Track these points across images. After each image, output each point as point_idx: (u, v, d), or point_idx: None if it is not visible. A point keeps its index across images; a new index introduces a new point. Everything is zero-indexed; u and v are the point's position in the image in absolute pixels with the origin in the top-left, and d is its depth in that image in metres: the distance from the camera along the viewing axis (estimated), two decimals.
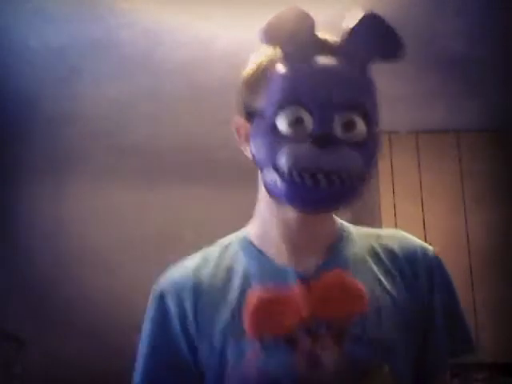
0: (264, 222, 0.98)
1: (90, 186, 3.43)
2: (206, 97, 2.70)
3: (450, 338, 0.98)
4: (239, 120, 0.95)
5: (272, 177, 0.88)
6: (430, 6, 2.22)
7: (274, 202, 0.93)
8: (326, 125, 0.86)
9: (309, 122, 0.86)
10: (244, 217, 1.07)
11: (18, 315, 3.57)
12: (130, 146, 3.13)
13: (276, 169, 0.87)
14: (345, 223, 1.03)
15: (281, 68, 0.89)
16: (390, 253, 0.99)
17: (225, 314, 0.92)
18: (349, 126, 0.87)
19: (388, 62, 0.93)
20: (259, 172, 0.93)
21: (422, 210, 2.89)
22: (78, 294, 3.64)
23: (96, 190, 3.45)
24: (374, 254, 0.98)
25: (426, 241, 3.32)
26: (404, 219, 2.88)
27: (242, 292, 0.92)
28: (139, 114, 2.89)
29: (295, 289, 0.90)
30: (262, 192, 0.96)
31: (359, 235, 1.01)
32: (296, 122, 0.86)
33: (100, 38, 2.34)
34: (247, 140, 0.93)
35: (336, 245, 0.97)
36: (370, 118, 0.91)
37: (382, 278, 0.95)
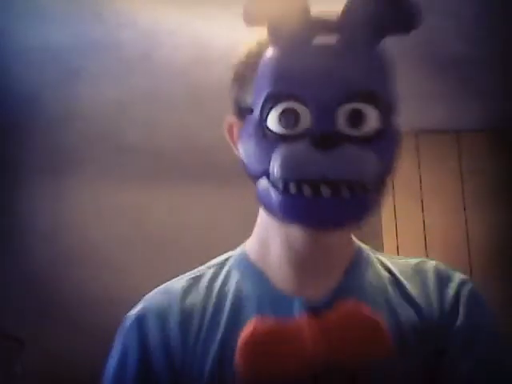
0: (265, 239, 0.81)
1: (90, 186, 3.43)
2: (206, 97, 2.70)
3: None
4: (231, 118, 0.80)
5: (265, 187, 0.72)
6: (429, 6, 2.22)
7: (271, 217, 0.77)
8: (327, 120, 0.68)
9: (306, 118, 0.69)
10: (245, 217, 1.06)
11: (18, 315, 3.57)
12: (130, 146, 3.13)
13: (269, 178, 0.71)
14: (363, 245, 0.88)
15: (270, 55, 0.72)
16: (416, 282, 0.82)
17: (215, 344, 0.75)
18: (356, 118, 0.69)
19: (400, 34, 0.73)
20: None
21: (422, 210, 2.89)
22: (78, 293, 3.64)
23: (96, 190, 3.45)
24: (395, 283, 0.81)
25: (425, 241, 3.32)
26: (404, 219, 2.88)
27: (236, 313, 0.76)
28: (139, 114, 2.89)
29: (301, 322, 0.72)
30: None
31: (376, 259, 0.85)
32: (290, 120, 0.69)
33: (100, 38, 2.34)
34: (237, 136, 0.79)
35: (352, 269, 0.81)
36: (384, 107, 0.71)
37: (400, 308, 0.78)
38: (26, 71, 2.55)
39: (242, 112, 0.77)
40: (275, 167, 0.69)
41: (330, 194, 0.67)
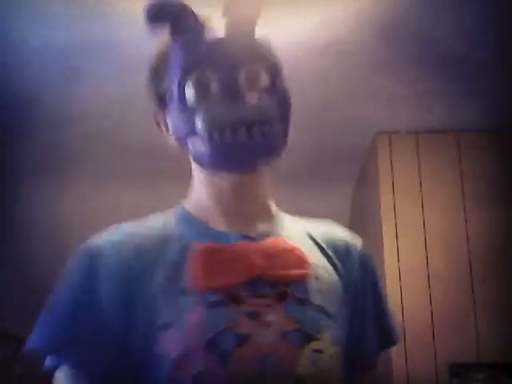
0: (199, 195, 0.96)
1: (90, 186, 3.43)
2: None
3: (378, 328, 0.99)
4: (155, 111, 0.96)
5: (195, 144, 0.88)
6: (430, 6, 2.22)
7: (205, 173, 0.93)
8: (231, 79, 0.86)
9: (215, 83, 0.86)
10: None
11: (18, 315, 3.57)
12: (130, 146, 3.13)
13: (196, 134, 0.87)
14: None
15: (176, 44, 0.89)
16: (325, 237, 0.99)
17: (159, 278, 0.86)
18: (252, 77, 0.87)
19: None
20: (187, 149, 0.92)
21: (422, 210, 2.89)
22: None
23: (96, 190, 3.45)
24: (310, 236, 0.98)
25: (425, 241, 3.33)
26: (404, 219, 2.88)
27: (181, 252, 0.88)
28: (139, 113, 2.89)
29: (241, 245, 0.89)
30: (193, 167, 0.97)
31: (292, 219, 1.01)
32: (202, 86, 0.86)
33: (100, 37, 2.34)
34: (166, 125, 0.95)
35: (275, 219, 0.97)
36: (273, 70, 0.89)
37: (319, 257, 0.95)
38: (27, 71, 2.55)
39: (162, 98, 0.92)
40: (200, 122, 0.85)
41: (246, 137, 0.84)
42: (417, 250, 2.82)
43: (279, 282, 0.87)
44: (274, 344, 0.83)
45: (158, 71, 0.94)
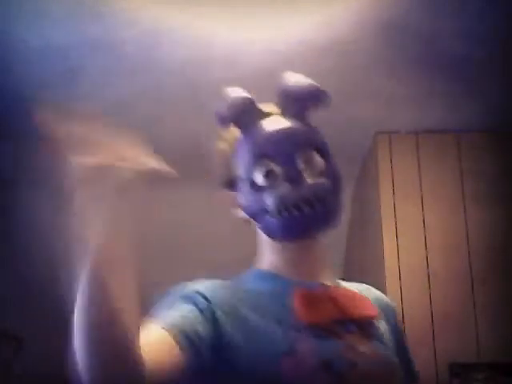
0: (270, 259, 1.12)
1: None
2: (206, 96, 2.70)
3: (406, 371, 1.15)
4: (222, 193, 1.14)
5: (264, 219, 1.05)
6: (430, 6, 2.22)
7: (273, 241, 1.10)
8: (291, 165, 1.03)
9: (278, 169, 1.04)
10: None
11: (18, 315, 3.57)
12: None
13: (266, 211, 1.04)
14: None
15: (242, 138, 1.07)
16: (372, 296, 1.16)
17: (264, 321, 1.00)
18: (309, 160, 1.05)
19: (319, 107, 1.08)
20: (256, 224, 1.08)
21: (422, 210, 2.89)
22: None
23: None
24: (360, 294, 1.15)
25: (425, 241, 3.32)
26: (404, 219, 2.88)
27: (277, 300, 1.03)
28: (139, 113, 2.89)
29: (324, 291, 1.06)
30: (261, 237, 1.12)
31: (340, 282, 1.19)
32: (269, 173, 1.04)
33: (100, 37, 2.34)
34: (235, 205, 1.11)
35: (333, 277, 1.14)
36: (324, 152, 1.07)
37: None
38: (27, 71, 2.55)
39: (232, 183, 1.10)
40: (270, 202, 1.03)
41: (309, 209, 1.01)
42: (417, 250, 2.82)
43: (360, 321, 1.05)
44: (375, 371, 1.00)
45: (227, 159, 1.11)
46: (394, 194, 2.92)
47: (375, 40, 2.38)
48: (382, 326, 1.11)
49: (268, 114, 1.07)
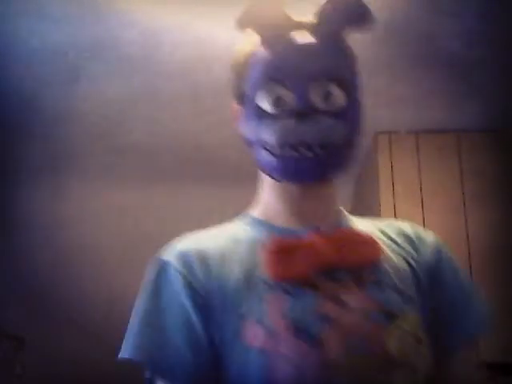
0: (267, 199, 1.00)
1: (89, 186, 3.43)
2: (207, 96, 2.70)
3: (462, 314, 1.00)
4: (233, 104, 1.00)
5: (261, 154, 0.93)
6: (429, 6, 2.22)
7: (272, 180, 0.97)
8: (304, 98, 0.88)
9: (289, 97, 0.89)
10: None
11: (18, 315, 3.57)
12: (130, 146, 3.13)
13: (264, 146, 0.92)
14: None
15: (259, 51, 0.92)
16: (397, 231, 1.02)
17: (234, 275, 0.89)
18: (327, 94, 0.89)
19: (360, 31, 0.94)
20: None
21: (422, 210, 2.89)
22: (77, 293, 3.64)
23: (96, 189, 3.45)
24: (382, 231, 1.01)
25: None
26: (404, 219, 2.87)
27: (252, 250, 0.92)
28: (139, 113, 2.89)
29: (310, 238, 0.91)
30: (261, 176, 1.00)
31: (364, 219, 1.05)
32: (277, 100, 0.90)
33: (100, 37, 2.34)
34: (239, 122, 0.98)
35: (344, 218, 1.01)
36: (348, 87, 0.91)
37: (394, 248, 0.98)
38: (27, 71, 2.55)
39: (240, 97, 0.96)
40: (270, 137, 0.90)
41: (311, 155, 0.88)
42: None
43: (353, 266, 0.89)
44: (360, 325, 0.84)
45: (240, 70, 0.96)
46: (393, 194, 2.92)
47: (375, 40, 2.38)
48: (395, 267, 0.93)
49: (296, 26, 0.92)
